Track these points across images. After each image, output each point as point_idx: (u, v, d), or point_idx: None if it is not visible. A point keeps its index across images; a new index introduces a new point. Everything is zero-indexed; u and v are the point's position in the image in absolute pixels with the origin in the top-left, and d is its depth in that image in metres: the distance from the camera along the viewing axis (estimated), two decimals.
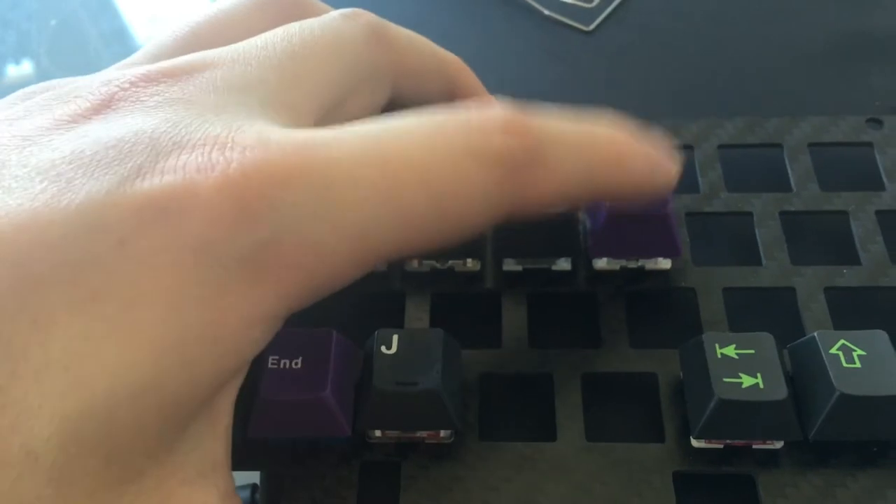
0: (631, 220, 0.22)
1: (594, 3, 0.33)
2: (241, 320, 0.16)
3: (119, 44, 0.39)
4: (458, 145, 0.18)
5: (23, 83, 0.20)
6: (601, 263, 0.23)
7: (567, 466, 0.20)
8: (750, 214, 0.24)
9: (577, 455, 0.20)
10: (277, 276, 0.16)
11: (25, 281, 0.14)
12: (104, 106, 0.18)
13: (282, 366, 0.20)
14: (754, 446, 0.20)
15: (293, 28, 0.20)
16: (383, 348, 0.20)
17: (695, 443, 0.20)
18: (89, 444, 0.14)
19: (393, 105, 0.23)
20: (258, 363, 0.20)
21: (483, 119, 0.18)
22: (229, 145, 0.16)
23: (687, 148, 0.26)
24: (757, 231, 0.24)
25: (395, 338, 0.20)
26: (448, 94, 0.25)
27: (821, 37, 0.31)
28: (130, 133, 0.16)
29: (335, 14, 0.21)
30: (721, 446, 0.20)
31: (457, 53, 0.32)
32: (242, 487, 0.25)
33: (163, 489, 0.16)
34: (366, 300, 0.24)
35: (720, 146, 0.26)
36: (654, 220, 0.22)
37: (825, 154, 0.25)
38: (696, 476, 0.20)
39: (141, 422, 0.15)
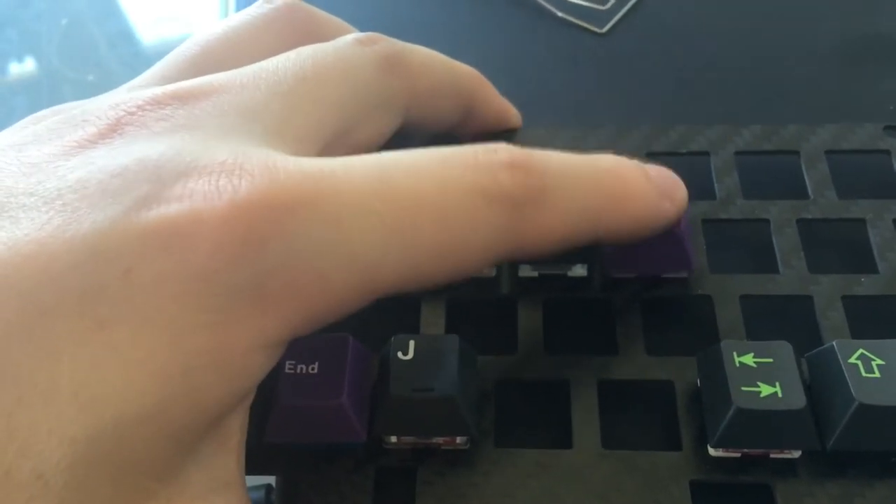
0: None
1: (608, 6, 0.33)
2: (245, 347, 0.16)
3: (125, 45, 0.39)
4: (466, 182, 0.18)
5: (26, 81, 0.20)
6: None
7: (583, 474, 0.20)
8: (767, 222, 0.24)
9: (593, 462, 0.20)
10: (282, 304, 0.16)
11: (33, 310, 0.15)
12: (111, 130, 0.18)
13: (298, 371, 0.20)
14: (772, 456, 0.20)
15: (305, 53, 0.20)
16: (399, 354, 0.20)
17: (712, 451, 0.20)
18: (98, 468, 0.15)
19: (405, 125, 0.23)
20: (275, 368, 0.20)
21: (489, 156, 0.18)
22: (236, 172, 0.16)
23: (703, 154, 0.26)
24: (774, 238, 0.24)
25: (412, 344, 0.20)
26: (464, 109, 0.25)
27: (835, 41, 0.31)
28: (135, 161, 0.16)
29: (349, 39, 0.21)
30: (738, 455, 0.20)
31: (470, 56, 0.32)
32: (256, 488, 0.25)
33: None
34: (381, 306, 0.24)
35: (737, 153, 0.26)
36: (666, 236, 0.22)
37: (842, 162, 0.25)
38: (713, 485, 0.20)
39: (148, 446, 0.15)
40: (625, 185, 0.20)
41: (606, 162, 0.20)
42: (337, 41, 0.21)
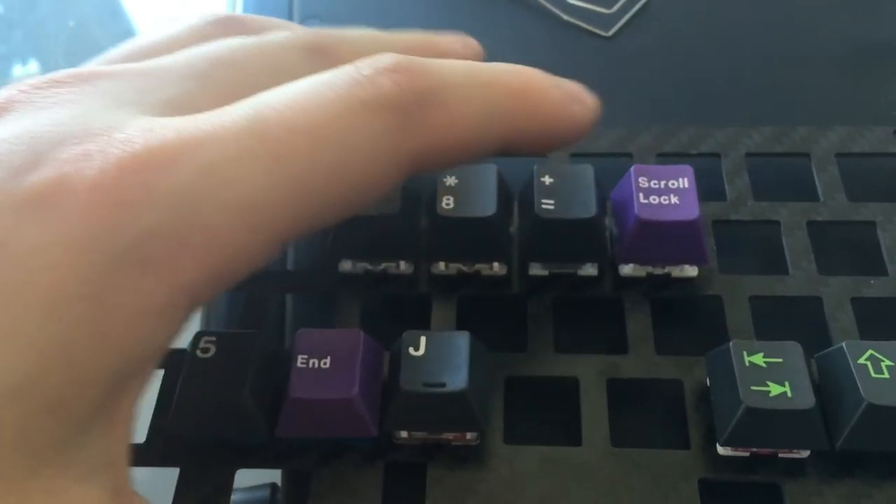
0: (659, 227, 0.22)
1: (614, 9, 0.33)
2: (132, 314, 0.16)
3: None
4: (345, 97, 0.17)
5: None
6: (627, 269, 0.23)
7: (592, 471, 0.20)
8: (777, 223, 0.24)
9: (602, 460, 0.20)
10: (167, 265, 0.16)
11: None
12: (2, 109, 0.17)
13: (310, 365, 0.20)
14: (780, 455, 0.20)
15: (224, 43, 0.20)
16: (411, 350, 0.20)
17: (721, 450, 0.20)
18: None
19: None
20: (287, 362, 0.21)
21: (370, 66, 0.17)
22: (106, 138, 0.16)
23: (713, 156, 0.26)
24: (784, 240, 0.24)
25: (423, 340, 0.21)
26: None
27: (843, 44, 0.31)
28: (13, 135, 0.16)
29: (279, 34, 0.21)
30: (747, 454, 0.20)
31: None
32: (261, 487, 0.26)
33: (53, 487, 0.15)
34: (392, 302, 0.24)
35: (747, 154, 0.26)
36: (683, 228, 0.22)
37: (852, 164, 0.25)
38: (721, 484, 0.20)
39: (25, 422, 0.15)
40: (529, 84, 0.19)
41: (507, 65, 0.19)
42: (265, 37, 0.21)
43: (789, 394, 0.19)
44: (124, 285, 0.15)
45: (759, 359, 0.20)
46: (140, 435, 0.21)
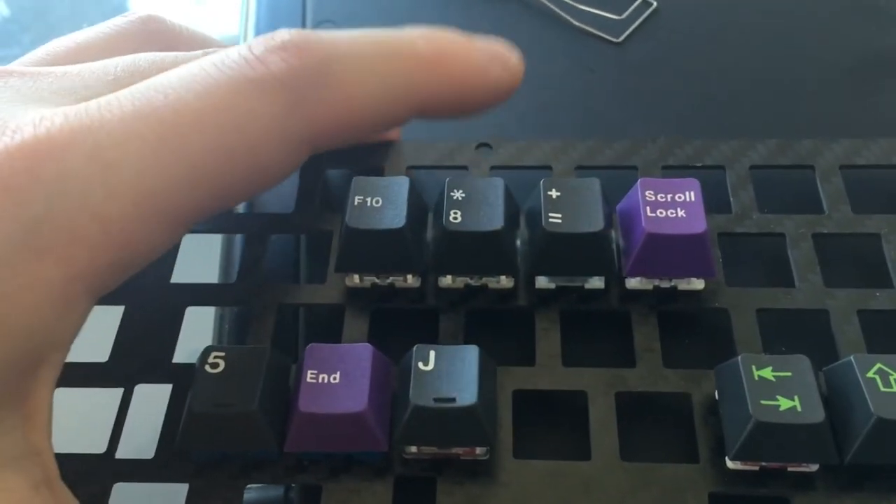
0: (667, 240, 0.22)
1: (624, 16, 0.33)
2: (30, 303, 0.16)
3: None
4: (234, 77, 0.17)
5: None
6: (634, 282, 0.23)
7: (601, 485, 0.20)
8: (782, 236, 0.24)
9: (611, 474, 0.20)
10: (61, 251, 0.16)
11: None
12: None
13: (320, 380, 0.20)
14: (789, 469, 0.20)
15: (143, 54, 0.20)
16: (420, 364, 0.20)
17: (730, 464, 0.20)
18: None
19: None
20: (296, 377, 0.21)
21: (260, 45, 0.17)
22: (0, 129, 0.16)
23: (718, 168, 0.26)
24: (790, 253, 0.24)
25: (432, 354, 0.21)
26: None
27: (849, 55, 0.31)
28: None
29: (197, 52, 0.21)
30: (756, 468, 0.20)
31: None
32: (273, 488, 0.25)
33: None
34: (399, 316, 0.24)
35: (752, 167, 0.26)
36: (690, 241, 0.22)
37: (857, 176, 0.26)
38: (730, 498, 0.20)
39: None
40: (441, 50, 0.19)
41: (418, 32, 0.19)
42: (185, 53, 0.21)
43: (799, 408, 0.19)
44: (18, 275, 0.15)
45: (767, 373, 0.20)
46: (149, 450, 0.21)
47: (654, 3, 0.34)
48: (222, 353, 0.21)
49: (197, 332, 0.25)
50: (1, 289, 0.15)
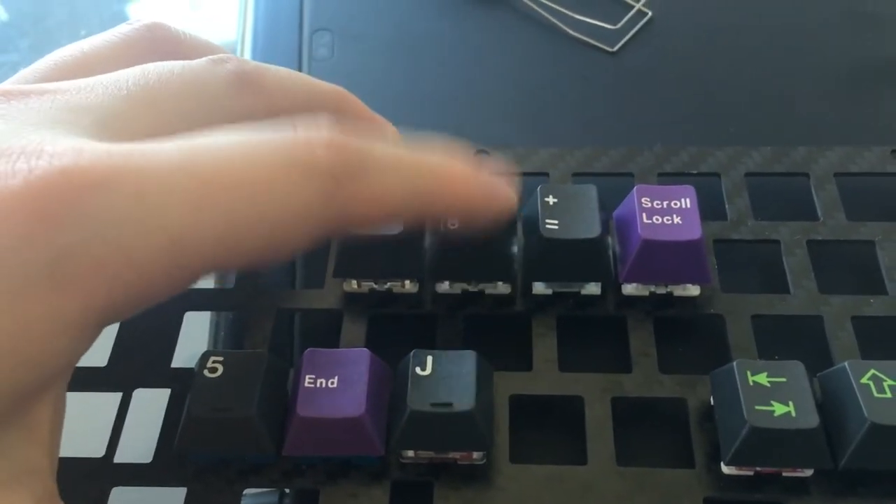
0: (663, 246, 0.22)
1: (619, 25, 0.33)
2: (46, 330, 0.16)
3: None
4: (281, 155, 0.18)
5: None
6: (630, 288, 0.23)
7: (597, 490, 0.20)
8: (777, 242, 0.24)
9: (607, 479, 0.21)
10: (84, 284, 0.16)
11: None
12: None
13: (318, 385, 0.20)
14: (784, 474, 0.20)
15: (151, 65, 0.20)
16: (418, 369, 0.20)
17: (725, 469, 0.20)
18: None
19: None
20: (294, 382, 0.21)
21: (308, 133, 0.18)
22: (36, 154, 0.16)
23: (714, 175, 0.26)
24: (784, 259, 0.24)
25: (430, 359, 0.21)
26: None
27: (844, 64, 0.31)
28: None
29: (203, 59, 0.21)
30: (751, 473, 0.20)
31: (482, 73, 0.32)
32: (269, 492, 0.26)
33: None
34: (397, 321, 0.24)
35: (747, 174, 0.26)
36: (686, 248, 0.22)
37: (851, 184, 0.26)
38: (726, 502, 0.20)
39: None
40: (451, 173, 0.20)
41: (435, 149, 0.20)
42: (189, 61, 0.21)
43: (793, 413, 0.19)
44: (39, 301, 0.15)
45: (762, 378, 0.20)
46: (147, 454, 0.21)
47: (649, 13, 0.34)
48: (221, 358, 0.21)
49: (194, 338, 0.25)
50: (19, 314, 0.15)
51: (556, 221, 0.23)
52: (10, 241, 0.15)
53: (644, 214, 0.23)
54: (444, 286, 0.24)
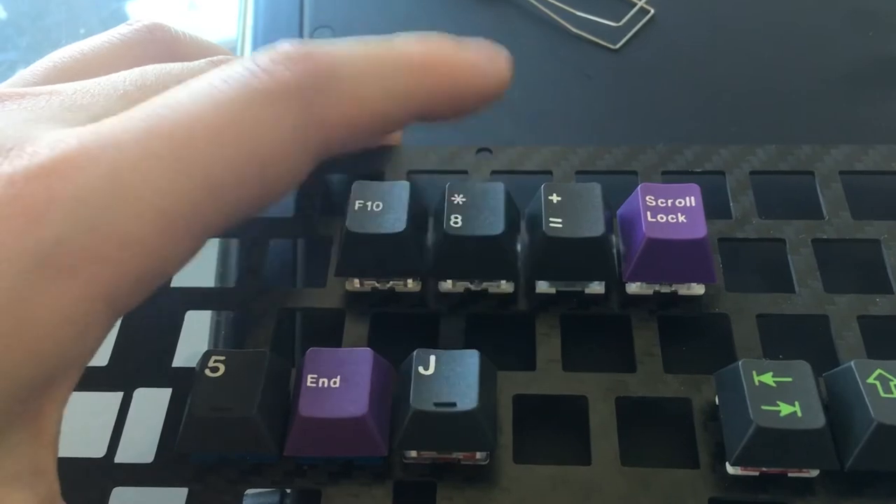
0: (667, 245, 0.22)
1: (621, 23, 0.33)
2: (51, 322, 0.16)
3: None
4: (242, 90, 0.17)
5: None
6: (634, 287, 0.23)
7: (602, 490, 0.20)
8: (782, 241, 0.24)
9: (611, 479, 0.20)
10: (82, 273, 0.16)
11: None
12: None
13: (320, 384, 0.20)
14: (790, 474, 0.20)
15: (150, 67, 0.20)
16: (421, 369, 0.20)
17: (730, 469, 0.20)
18: None
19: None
20: (296, 381, 0.21)
21: (265, 58, 0.18)
22: (17, 151, 0.16)
23: (718, 174, 0.26)
24: (790, 258, 0.24)
25: (433, 359, 0.21)
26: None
27: (848, 61, 0.31)
28: None
29: (202, 60, 0.21)
30: (756, 473, 0.20)
31: None
32: (270, 493, 0.25)
33: None
34: (400, 321, 0.24)
35: (752, 172, 0.26)
36: (691, 246, 0.22)
37: (857, 182, 0.26)
38: (731, 503, 0.20)
39: None
40: (431, 56, 0.19)
41: (408, 39, 0.20)
42: (190, 63, 0.21)
43: (799, 413, 0.19)
44: (38, 295, 0.15)
45: (768, 378, 0.20)
46: (148, 455, 0.21)
47: (652, 11, 0.34)
48: (222, 357, 0.21)
49: (195, 337, 0.25)
50: (20, 310, 0.15)
51: (559, 220, 0.23)
52: (1, 239, 0.15)
53: (648, 213, 0.22)
54: (446, 285, 0.24)
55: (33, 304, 0.15)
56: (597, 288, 0.23)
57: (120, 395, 0.23)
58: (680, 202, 0.23)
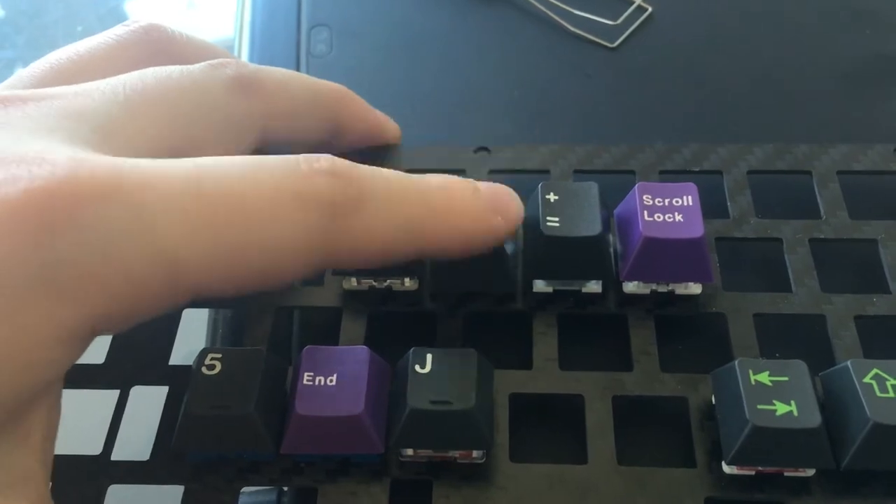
0: (664, 244, 0.22)
1: (619, 21, 0.33)
2: (41, 339, 0.16)
3: None
4: (281, 183, 0.18)
5: None
6: (631, 287, 0.23)
7: (598, 489, 0.20)
8: (779, 241, 0.24)
9: (607, 478, 0.20)
10: (81, 295, 0.16)
11: None
12: None
13: (317, 383, 0.20)
14: (786, 474, 0.20)
15: (150, 70, 0.20)
16: (417, 367, 0.20)
17: (727, 469, 0.20)
18: None
19: (267, 145, 0.23)
20: (292, 379, 0.21)
21: (310, 163, 0.18)
22: (36, 163, 0.16)
23: (716, 173, 0.26)
24: (787, 258, 0.24)
25: (429, 357, 0.21)
26: (330, 126, 0.25)
27: (846, 61, 0.31)
28: None
29: (202, 64, 0.21)
30: (753, 473, 0.20)
31: (481, 69, 0.32)
32: (267, 491, 0.25)
33: None
34: (397, 319, 0.24)
35: (749, 172, 0.26)
36: (688, 246, 0.22)
37: (854, 182, 0.26)
38: (727, 502, 0.20)
39: None
40: (450, 199, 0.20)
41: (432, 178, 0.20)
42: (189, 66, 0.21)
43: (795, 413, 0.19)
44: (35, 310, 0.16)
45: (764, 377, 0.20)
46: (145, 452, 0.21)
47: (649, 9, 0.34)
48: (219, 356, 0.21)
49: (192, 335, 0.25)
50: (14, 323, 0.15)
51: (556, 219, 0.23)
52: (8, 249, 0.15)
53: (645, 212, 0.22)
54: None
55: (31, 317, 0.16)
56: (594, 287, 0.23)
57: (117, 392, 0.23)
58: (677, 201, 0.23)
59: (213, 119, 0.21)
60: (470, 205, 0.20)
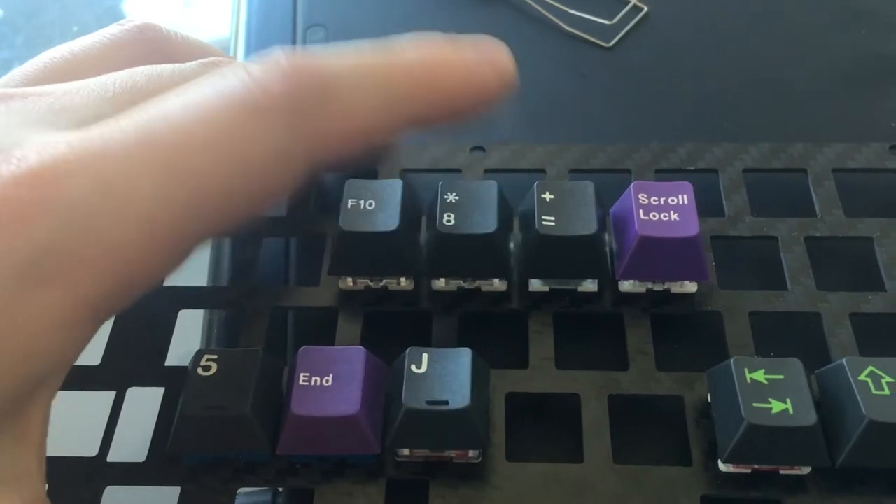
0: (660, 243, 0.22)
1: (614, 21, 0.33)
2: (39, 328, 0.16)
3: None
4: (235, 103, 0.17)
5: None
6: (627, 285, 0.23)
7: (594, 488, 0.20)
8: (775, 239, 0.24)
9: (603, 477, 0.20)
10: (68, 278, 0.16)
11: None
12: None
13: (312, 383, 0.20)
14: (781, 472, 0.20)
15: (140, 69, 0.20)
16: (413, 367, 0.20)
17: (722, 467, 0.20)
18: None
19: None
20: (288, 379, 0.21)
21: (259, 70, 0.18)
22: (5, 155, 0.16)
23: (711, 171, 0.26)
24: (782, 256, 0.24)
25: (425, 357, 0.21)
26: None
27: (841, 59, 0.31)
28: None
29: (193, 62, 0.21)
30: (748, 471, 0.20)
31: None
32: (262, 491, 0.26)
33: None
34: (393, 319, 0.24)
35: (745, 170, 0.26)
36: (683, 244, 0.22)
37: (849, 180, 0.26)
38: (723, 500, 0.20)
39: None
40: (431, 63, 0.19)
41: (407, 46, 0.19)
42: (182, 65, 0.21)
43: (791, 411, 0.19)
44: (23, 300, 0.15)
45: (760, 375, 0.20)
46: (141, 454, 0.21)
47: (645, 8, 0.34)
48: (215, 356, 0.21)
49: (187, 336, 0.25)
50: (6, 315, 0.15)
51: (552, 218, 0.23)
52: None
53: (641, 211, 0.22)
54: (439, 283, 0.24)
55: (20, 309, 0.15)
56: (590, 286, 0.23)
57: (112, 394, 0.22)
58: (673, 200, 0.23)
59: None
60: (452, 58, 0.19)
